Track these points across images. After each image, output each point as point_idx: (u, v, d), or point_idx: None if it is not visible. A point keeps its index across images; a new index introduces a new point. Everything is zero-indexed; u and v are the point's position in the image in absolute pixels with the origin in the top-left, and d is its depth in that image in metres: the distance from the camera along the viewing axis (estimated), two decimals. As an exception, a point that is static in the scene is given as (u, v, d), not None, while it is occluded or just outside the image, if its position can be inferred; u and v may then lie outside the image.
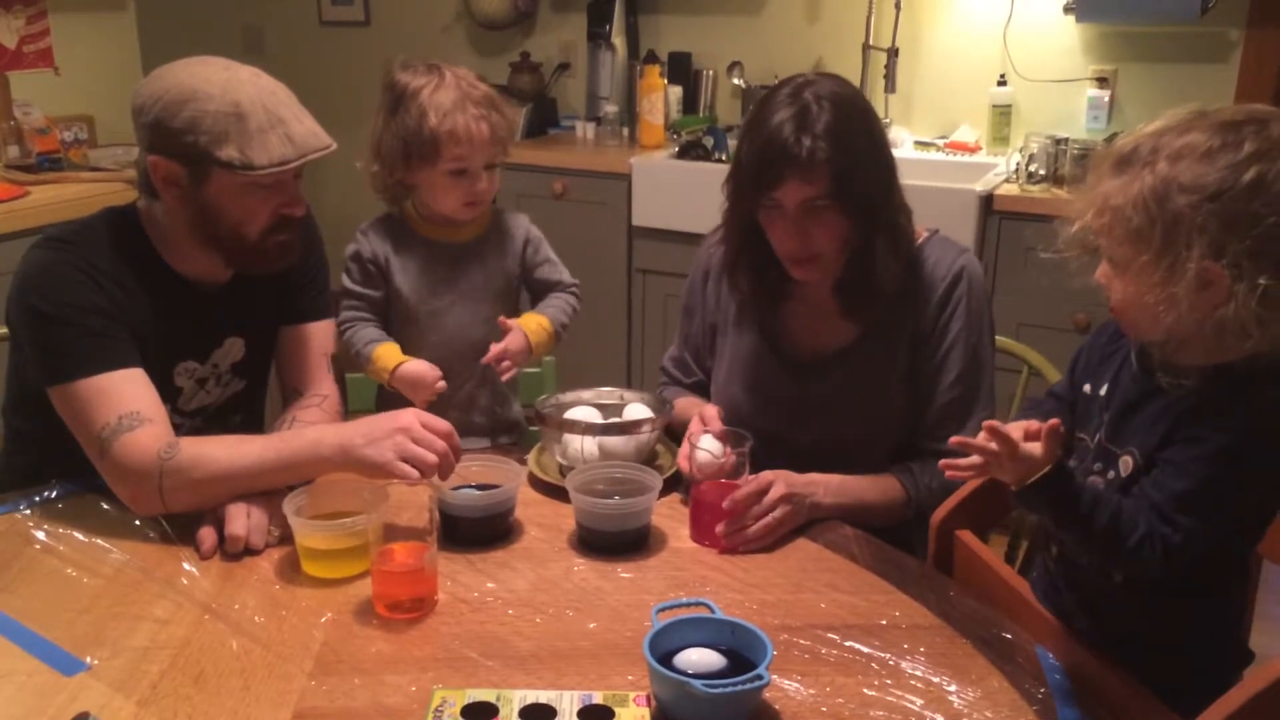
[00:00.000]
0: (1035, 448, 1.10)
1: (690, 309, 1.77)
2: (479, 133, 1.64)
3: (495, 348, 1.67)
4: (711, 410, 1.52)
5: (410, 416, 1.36)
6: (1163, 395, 1.15)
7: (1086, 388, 1.28)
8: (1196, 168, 1.02)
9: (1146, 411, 1.16)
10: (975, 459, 1.13)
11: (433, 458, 1.33)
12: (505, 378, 1.72)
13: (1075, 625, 1.23)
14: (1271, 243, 1.01)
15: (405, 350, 1.72)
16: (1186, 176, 1.02)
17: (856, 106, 1.48)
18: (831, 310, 1.58)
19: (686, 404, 1.71)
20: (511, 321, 1.71)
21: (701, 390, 1.77)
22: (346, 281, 1.76)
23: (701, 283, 1.74)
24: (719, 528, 1.37)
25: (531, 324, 1.74)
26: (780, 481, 1.41)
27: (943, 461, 1.18)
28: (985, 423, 1.12)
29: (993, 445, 1.10)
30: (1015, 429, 1.12)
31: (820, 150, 1.41)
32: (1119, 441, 1.19)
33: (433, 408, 1.60)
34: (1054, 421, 1.10)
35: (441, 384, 1.66)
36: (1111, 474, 1.19)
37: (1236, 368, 1.09)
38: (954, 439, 1.16)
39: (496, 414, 1.85)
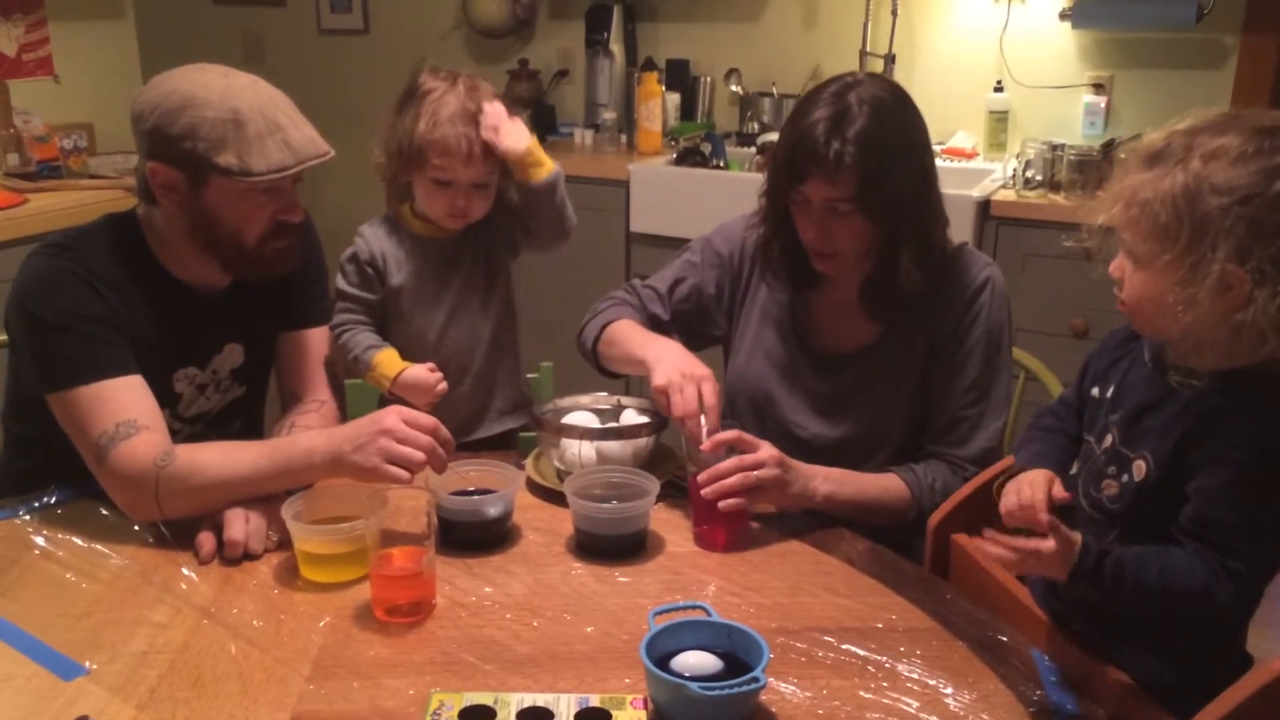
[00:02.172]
0: (1051, 544, 1.09)
1: (710, 259, 1.72)
2: (462, 149, 1.64)
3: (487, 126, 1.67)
4: (712, 397, 1.46)
5: (393, 417, 1.35)
6: (1175, 399, 1.14)
7: (1095, 391, 1.29)
8: (1230, 170, 1.02)
9: (1159, 415, 1.16)
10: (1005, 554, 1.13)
11: (419, 455, 1.33)
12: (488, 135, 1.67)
13: (1073, 626, 1.23)
14: None
15: (406, 350, 1.72)
16: (1219, 178, 1.02)
17: (897, 114, 1.48)
18: (857, 308, 1.60)
19: (630, 330, 1.65)
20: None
21: (655, 326, 1.71)
22: (342, 284, 1.76)
23: (741, 235, 1.71)
24: (700, 478, 1.39)
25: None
26: (773, 448, 1.43)
27: (988, 533, 1.16)
28: (993, 551, 1.12)
29: (1010, 555, 1.12)
30: (1038, 501, 1.12)
31: (848, 155, 1.42)
32: (1132, 445, 1.18)
33: (441, 406, 1.61)
34: (1045, 518, 1.10)
35: (443, 386, 1.66)
36: (1125, 477, 1.18)
37: (1249, 372, 1.08)
38: (985, 542, 1.15)
39: (506, 398, 1.85)
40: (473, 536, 1.38)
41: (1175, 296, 1.06)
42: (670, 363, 1.49)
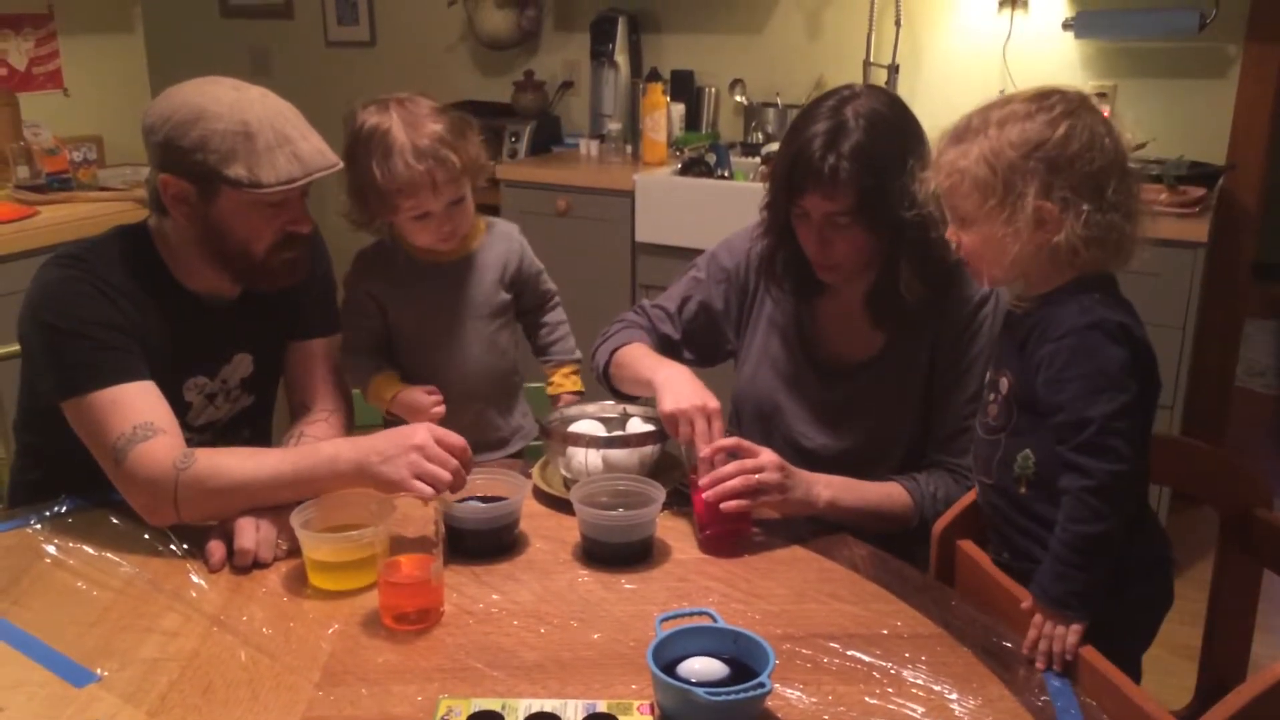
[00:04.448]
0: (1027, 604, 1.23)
1: (716, 274, 1.73)
2: (426, 183, 1.60)
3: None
4: (719, 429, 1.48)
5: (425, 433, 1.36)
6: (1019, 321, 1.30)
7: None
8: (1020, 126, 1.23)
9: (1011, 336, 1.32)
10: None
11: (447, 475, 1.34)
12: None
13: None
14: (1088, 178, 1.21)
15: (412, 375, 1.72)
16: (1014, 135, 1.23)
17: (894, 127, 1.49)
18: (862, 317, 1.61)
19: (640, 354, 1.66)
20: (558, 394, 1.81)
21: (666, 346, 1.73)
22: (343, 309, 1.76)
23: (745, 248, 1.72)
24: (702, 483, 1.41)
25: (567, 382, 1.83)
26: (773, 454, 1.44)
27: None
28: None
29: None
30: None
31: (844, 170, 1.44)
32: (998, 368, 1.35)
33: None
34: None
35: (439, 410, 1.66)
36: (996, 395, 1.33)
37: (1062, 290, 1.26)
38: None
39: (508, 427, 1.86)
40: (480, 544, 1.39)
41: (1002, 233, 1.24)
42: (679, 390, 1.50)
